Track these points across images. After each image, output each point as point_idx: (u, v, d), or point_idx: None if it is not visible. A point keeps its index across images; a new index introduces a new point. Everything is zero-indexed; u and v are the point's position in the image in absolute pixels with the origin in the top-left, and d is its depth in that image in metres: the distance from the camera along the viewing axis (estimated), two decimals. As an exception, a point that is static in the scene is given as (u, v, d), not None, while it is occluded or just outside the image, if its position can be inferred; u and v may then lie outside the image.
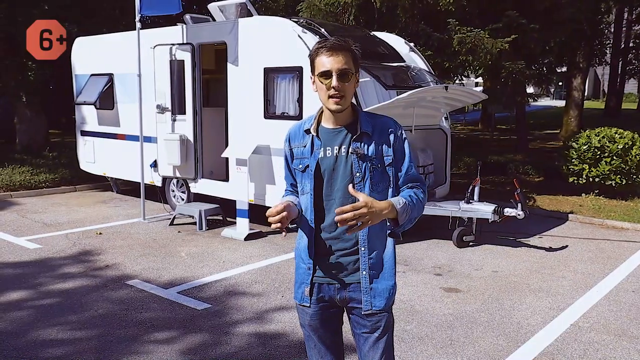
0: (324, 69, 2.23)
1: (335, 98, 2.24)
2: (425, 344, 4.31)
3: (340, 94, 2.24)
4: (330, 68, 2.22)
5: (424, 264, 6.34)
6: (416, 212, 2.31)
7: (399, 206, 2.22)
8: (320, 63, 2.24)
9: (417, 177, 2.43)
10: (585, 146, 9.53)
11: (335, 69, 2.22)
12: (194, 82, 8.12)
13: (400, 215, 2.22)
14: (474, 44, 9.24)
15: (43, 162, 11.77)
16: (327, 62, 2.22)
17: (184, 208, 8.02)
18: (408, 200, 2.27)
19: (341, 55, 2.23)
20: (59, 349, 4.16)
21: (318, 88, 2.29)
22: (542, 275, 6.02)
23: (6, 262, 6.23)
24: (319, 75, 2.26)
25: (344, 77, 2.23)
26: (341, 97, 2.25)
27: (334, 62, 2.22)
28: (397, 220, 2.24)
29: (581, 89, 17.93)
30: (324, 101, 2.29)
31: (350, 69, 2.24)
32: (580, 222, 8.49)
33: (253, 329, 4.56)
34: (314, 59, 2.28)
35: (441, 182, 8.23)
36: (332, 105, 2.27)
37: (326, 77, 2.23)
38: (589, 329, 4.64)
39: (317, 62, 2.26)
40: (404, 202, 2.25)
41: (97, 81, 9.68)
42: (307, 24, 7.65)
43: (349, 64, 2.24)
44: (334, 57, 2.22)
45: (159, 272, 5.95)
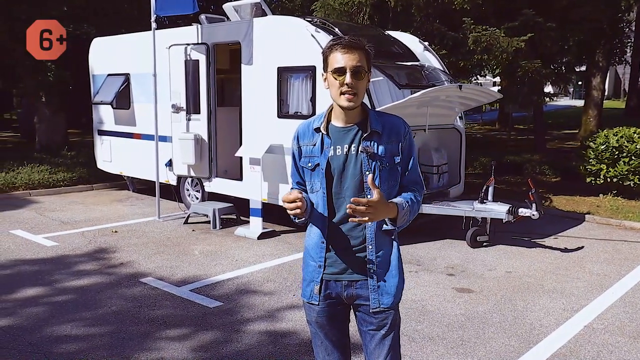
0: (338, 66, 2.25)
1: (348, 95, 2.26)
2: (436, 344, 4.29)
3: (353, 91, 2.26)
4: (345, 65, 2.24)
5: (437, 264, 6.31)
6: (412, 215, 2.39)
7: (402, 209, 2.29)
8: (335, 60, 2.26)
9: (418, 180, 2.48)
10: (603, 146, 9.41)
11: (349, 66, 2.24)
12: (209, 82, 8.17)
13: (400, 218, 2.30)
14: (489, 42, 9.17)
15: (61, 161, 11.94)
16: (341, 59, 2.24)
17: (198, 207, 8.09)
18: (409, 204, 2.34)
19: (356, 53, 2.25)
20: (72, 345, 4.22)
21: (330, 84, 2.31)
22: (557, 276, 5.96)
23: (24, 259, 6.34)
24: (332, 72, 2.27)
25: (357, 74, 2.25)
26: (354, 95, 2.27)
27: (349, 60, 2.24)
28: (395, 221, 2.31)
29: (600, 89, 17.67)
30: (336, 98, 2.30)
31: (363, 67, 2.26)
32: (597, 222, 8.37)
33: (264, 327, 4.58)
34: (327, 56, 2.30)
35: (455, 182, 8.18)
36: (345, 102, 2.28)
37: (340, 73, 2.25)
38: (603, 330, 4.58)
39: (331, 59, 2.28)
40: (406, 205, 2.32)
41: (114, 81, 9.79)
42: (321, 23, 7.66)
43: (363, 62, 2.26)
44: (349, 55, 2.24)
45: (172, 270, 6.01)
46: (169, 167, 8.84)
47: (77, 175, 10.92)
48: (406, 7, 10.03)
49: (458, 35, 9.82)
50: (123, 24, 13.84)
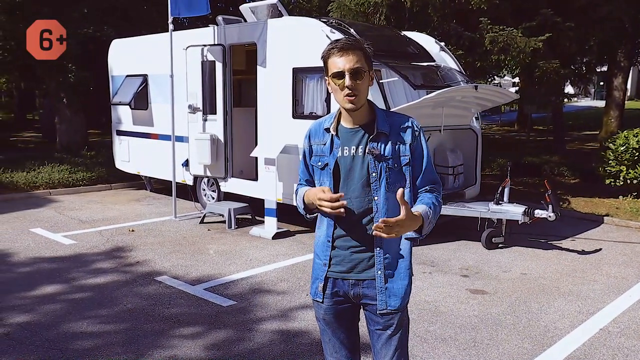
0: (336, 70, 2.25)
1: (349, 97, 2.26)
2: (449, 345, 4.28)
3: (354, 92, 2.25)
4: (343, 68, 2.24)
5: (451, 265, 6.28)
6: (435, 219, 2.35)
7: (427, 219, 2.27)
8: (333, 64, 2.26)
9: (435, 179, 2.44)
10: (623, 147, 9.26)
11: (347, 68, 2.23)
12: (225, 83, 8.24)
13: (425, 227, 2.28)
14: (506, 43, 9.08)
15: (81, 161, 12.12)
16: (339, 62, 2.24)
17: (214, 207, 8.15)
18: (432, 210, 2.32)
19: (352, 54, 2.24)
20: (88, 342, 4.29)
21: (332, 89, 2.32)
22: (573, 278, 5.89)
23: (43, 257, 6.45)
24: (332, 76, 2.28)
25: (356, 75, 2.24)
26: (355, 96, 2.26)
27: (346, 62, 2.23)
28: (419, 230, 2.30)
29: (622, 89, 17.37)
30: (339, 101, 2.31)
31: (362, 67, 2.25)
32: (616, 225, 8.25)
33: (277, 326, 4.61)
34: (326, 61, 2.30)
35: (471, 183, 8.13)
36: (347, 104, 2.29)
37: (339, 77, 2.25)
38: (619, 334, 4.52)
39: (329, 64, 2.28)
40: (430, 212, 2.29)
41: (132, 82, 9.92)
42: (337, 24, 7.67)
43: (361, 62, 2.25)
44: (345, 57, 2.24)
45: (187, 269, 6.07)
46: (186, 167, 8.92)
47: (96, 175, 11.09)
48: (422, 7, 9.98)
49: (475, 36, 9.74)
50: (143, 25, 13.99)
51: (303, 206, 2.49)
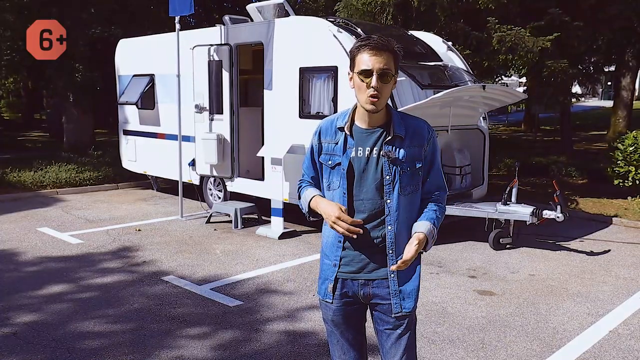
0: (365, 67, 2.21)
1: (372, 98, 2.22)
2: (456, 347, 4.25)
3: (378, 94, 2.22)
4: (372, 67, 2.20)
5: (459, 266, 6.24)
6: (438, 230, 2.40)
7: (432, 238, 2.33)
8: (362, 61, 2.22)
9: (442, 184, 2.45)
10: (632, 147, 9.19)
11: (376, 68, 2.19)
12: (232, 82, 8.23)
13: (428, 245, 2.33)
14: (514, 42, 9.03)
15: (88, 161, 12.15)
16: (369, 61, 2.20)
17: (220, 206, 8.15)
18: (435, 223, 2.36)
19: (384, 55, 2.20)
20: (95, 341, 4.29)
21: (356, 85, 2.27)
22: (582, 279, 5.85)
23: (50, 257, 6.46)
24: (359, 73, 2.23)
25: (384, 77, 2.21)
26: (378, 98, 2.23)
27: (376, 62, 2.19)
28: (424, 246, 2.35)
29: (630, 89, 17.29)
30: (361, 100, 2.27)
31: (390, 69, 2.22)
32: (624, 226, 8.19)
33: (283, 326, 4.59)
34: (355, 56, 2.25)
35: (478, 183, 8.09)
36: (368, 105, 2.25)
37: (366, 75, 2.21)
38: (628, 336, 4.48)
39: (358, 59, 2.24)
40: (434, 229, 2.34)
41: (139, 82, 9.93)
42: (344, 23, 7.65)
43: (390, 64, 2.22)
44: (377, 57, 2.20)
45: (193, 268, 6.07)
46: (192, 167, 8.92)
47: (103, 175, 11.12)
48: (430, 6, 9.94)
49: (482, 35, 9.70)
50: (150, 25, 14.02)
51: (308, 209, 2.47)
